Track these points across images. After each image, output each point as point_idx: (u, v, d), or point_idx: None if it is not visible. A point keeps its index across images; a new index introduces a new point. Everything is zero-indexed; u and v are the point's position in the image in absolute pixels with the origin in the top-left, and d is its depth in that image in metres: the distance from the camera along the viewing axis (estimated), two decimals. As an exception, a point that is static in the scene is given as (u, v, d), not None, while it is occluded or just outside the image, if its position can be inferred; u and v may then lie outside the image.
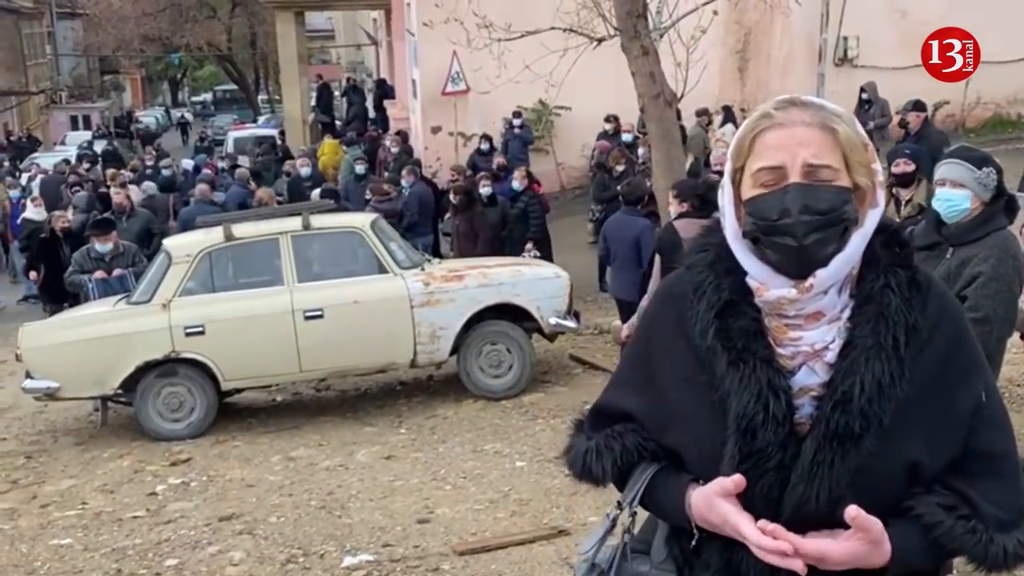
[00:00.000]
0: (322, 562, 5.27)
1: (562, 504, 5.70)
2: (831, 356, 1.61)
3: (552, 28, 10.01)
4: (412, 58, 18.36)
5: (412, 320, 8.09)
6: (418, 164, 14.16)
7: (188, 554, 5.54)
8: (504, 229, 11.47)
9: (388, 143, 17.18)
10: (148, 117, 47.90)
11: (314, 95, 26.85)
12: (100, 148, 29.04)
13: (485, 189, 11.47)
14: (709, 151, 12.66)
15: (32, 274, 12.30)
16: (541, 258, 10.87)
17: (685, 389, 1.70)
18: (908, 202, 6.42)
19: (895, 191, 6.44)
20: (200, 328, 7.98)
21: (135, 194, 14.52)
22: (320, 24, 42.79)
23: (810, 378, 1.62)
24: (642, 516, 1.84)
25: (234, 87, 49.68)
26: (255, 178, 16.14)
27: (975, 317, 3.84)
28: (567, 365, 9.08)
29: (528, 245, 11.41)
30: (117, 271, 9.66)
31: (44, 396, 8.27)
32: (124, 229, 10.75)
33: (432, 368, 8.91)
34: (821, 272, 1.59)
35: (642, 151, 13.08)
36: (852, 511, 1.51)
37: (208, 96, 58.81)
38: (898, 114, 11.38)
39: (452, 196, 11.43)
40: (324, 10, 33.71)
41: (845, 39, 17.14)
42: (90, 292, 9.56)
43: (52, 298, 11.56)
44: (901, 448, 1.59)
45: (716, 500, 1.61)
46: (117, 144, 30.30)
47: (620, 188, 8.96)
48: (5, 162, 27.34)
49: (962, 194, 4.07)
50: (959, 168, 4.10)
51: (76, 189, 16.09)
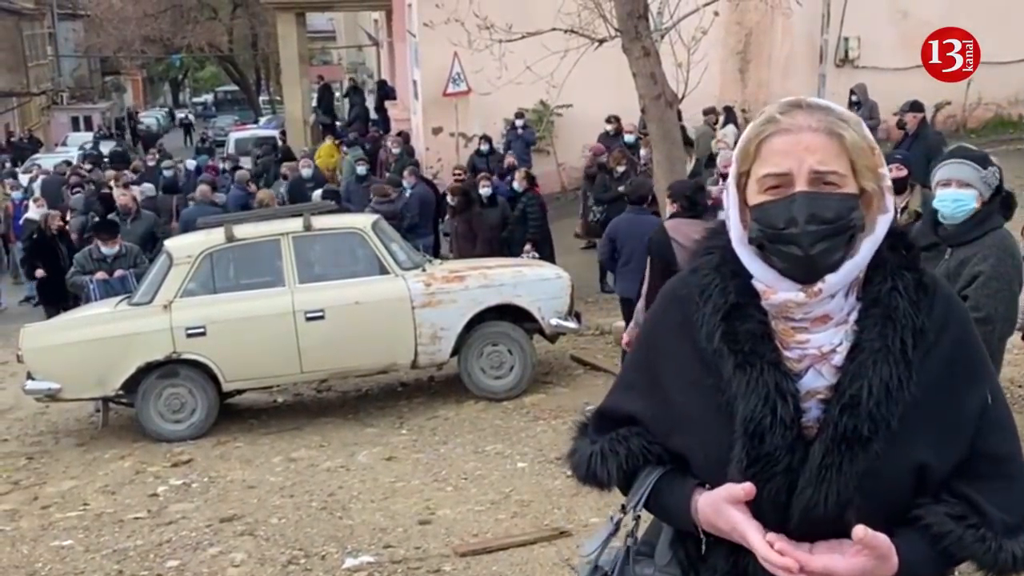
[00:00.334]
0: (323, 563, 5.26)
1: (563, 505, 5.69)
2: (838, 359, 1.60)
3: (553, 29, 10.01)
4: (413, 59, 18.36)
5: (413, 321, 8.09)
6: (418, 165, 14.14)
7: (189, 555, 5.54)
8: (504, 230, 11.46)
9: (389, 144, 17.17)
10: (149, 118, 47.93)
11: (315, 96, 26.84)
12: (107, 149, 29.08)
13: (485, 190, 11.47)
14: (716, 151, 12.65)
15: (39, 272, 11.92)
16: (541, 259, 10.83)
17: (691, 392, 1.69)
18: (904, 209, 6.39)
19: None
20: (201, 329, 7.98)
21: (138, 195, 14.54)
22: (321, 25, 42.74)
23: (817, 381, 1.61)
24: (646, 520, 1.83)
25: (235, 88, 49.74)
26: (255, 180, 16.14)
27: (977, 317, 3.83)
28: (568, 366, 9.08)
29: (527, 246, 11.39)
30: (118, 272, 9.65)
31: (45, 397, 8.28)
32: (128, 231, 10.72)
33: (433, 369, 8.90)
34: (830, 277, 1.58)
35: (644, 152, 13.07)
36: (859, 532, 1.49)
37: (209, 97, 58.92)
38: (895, 115, 11.37)
39: (450, 197, 11.43)
40: (325, 11, 33.67)
41: (846, 40, 17.12)
42: (91, 293, 9.56)
43: (49, 299, 11.49)
44: (909, 451, 1.58)
45: (725, 507, 1.60)
46: (118, 146, 30.31)
47: (624, 188, 8.91)
48: (7, 163, 27.33)
49: (969, 194, 4.07)
50: (965, 168, 4.10)
51: (77, 190, 16.09)
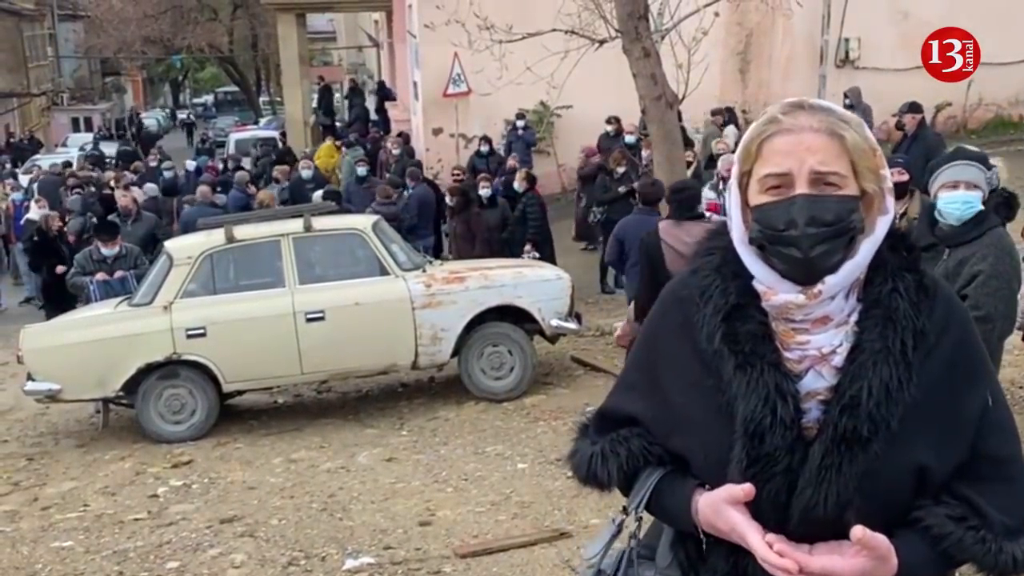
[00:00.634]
0: (323, 564, 5.26)
1: (564, 506, 5.69)
2: (838, 360, 1.60)
3: (553, 30, 10.01)
4: (413, 60, 18.36)
5: (413, 322, 8.09)
6: (419, 166, 14.13)
7: (189, 556, 5.53)
8: (504, 231, 11.45)
9: (389, 145, 17.18)
10: (149, 119, 47.92)
11: (315, 97, 26.85)
12: (108, 150, 29.05)
13: (484, 191, 11.46)
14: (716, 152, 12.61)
15: (59, 268, 11.41)
16: (541, 259, 10.83)
17: (691, 393, 1.69)
18: (903, 216, 6.37)
19: None
20: (201, 330, 7.98)
21: (139, 196, 14.54)
22: (321, 26, 42.74)
23: (817, 382, 1.61)
24: (647, 521, 1.83)
25: (235, 89, 49.71)
26: (254, 181, 16.12)
27: (977, 315, 3.84)
28: (569, 367, 9.07)
29: (527, 247, 11.39)
30: (119, 273, 9.64)
31: (45, 398, 8.28)
32: (128, 233, 10.68)
33: (433, 370, 8.89)
34: (830, 278, 1.58)
35: (646, 153, 13.07)
36: (857, 532, 1.49)
37: (209, 98, 58.90)
38: (894, 116, 11.36)
39: (448, 198, 11.42)
40: (325, 12, 33.70)
41: (846, 41, 17.11)
42: (92, 294, 9.55)
43: (54, 301, 11.43)
44: (909, 452, 1.58)
45: (724, 507, 1.60)
46: (127, 146, 30.31)
47: (638, 187, 8.80)
48: (7, 164, 27.34)
49: (977, 195, 4.11)
50: (972, 169, 4.12)
51: (78, 191, 16.08)
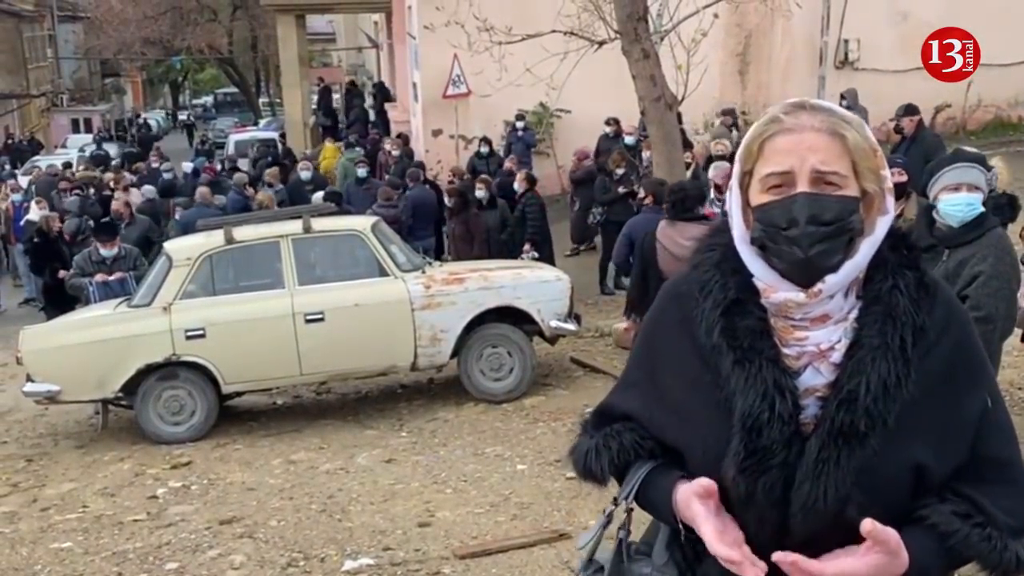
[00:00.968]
0: (323, 566, 5.26)
1: (563, 507, 5.69)
2: (837, 356, 1.61)
3: (553, 31, 10.02)
4: (413, 61, 18.37)
5: (413, 323, 8.08)
6: (421, 167, 14.12)
7: (189, 557, 5.53)
8: (504, 232, 11.45)
9: (389, 146, 17.17)
10: (149, 120, 47.92)
11: (315, 98, 26.85)
12: (110, 151, 29.05)
13: (480, 192, 11.45)
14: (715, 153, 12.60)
15: (61, 273, 11.22)
16: (540, 260, 10.83)
17: (689, 388, 1.70)
18: (899, 217, 6.39)
19: None
20: (201, 331, 7.97)
21: (135, 197, 14.55)
22: (321, 27, 42.80)
23: (815, 379, 1.62)
24: (638, 513, 1.84)
25: (235, 90, 49.77)
26: (253, 183, 16.11)
27: (978, 316, 3.85)
28: (568, 368, 9.07)
29: (526, 247, 11.39)
30: (118, 274, 9.65)
31: (45, 399, 8.27)
32: (122, 236, 10.70)
33: (433, 371, 8.89)
34: (830, 278, 1.59)
35: (646, 154, 13.07)
36: (867, 525, 1.49)
37: (209, 99, 58.93)
38: (891, 120, 11.36)
39: (447, 199, 11.42)
40: (325, 13, 33.75)
41: (846, 42, 17.12)
42: (91, 295, 9.55)
43: (55, 303, 11.40)
44: (907, 450, 1.58)
45: (692, 500, 1.62)
46: (126, 147, 30.30)
47: (647, 188, 8.75)
48: (6, 165, 27.34)
49: (979, 197, 4.12)
50: (974, 171, 4.13)
51: (77, 192, 16.08)
